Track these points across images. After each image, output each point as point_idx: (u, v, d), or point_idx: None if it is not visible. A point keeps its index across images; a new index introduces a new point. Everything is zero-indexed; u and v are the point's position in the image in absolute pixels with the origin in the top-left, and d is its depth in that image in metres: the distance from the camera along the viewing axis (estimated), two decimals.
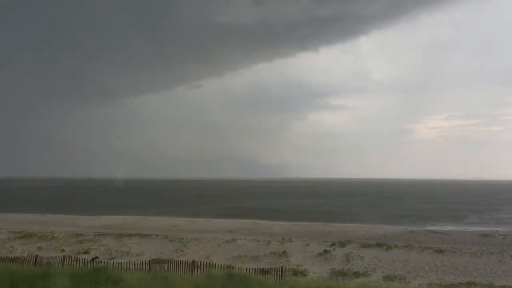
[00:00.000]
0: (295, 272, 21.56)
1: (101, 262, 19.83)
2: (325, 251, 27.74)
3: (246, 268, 17.06)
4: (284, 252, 27.59)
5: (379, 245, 29.97)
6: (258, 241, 32.31)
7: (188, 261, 18.98)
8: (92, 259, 21.33)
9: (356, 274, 21.70)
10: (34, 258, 19.45)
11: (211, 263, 19.00)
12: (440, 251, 27.91)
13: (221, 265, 18.54)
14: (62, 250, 28.06)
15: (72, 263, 18.93)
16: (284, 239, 33.10)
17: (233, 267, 17.90)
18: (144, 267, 18.24)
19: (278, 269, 17.03)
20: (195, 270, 17.97)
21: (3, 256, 20.21)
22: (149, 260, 19.69)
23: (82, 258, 19.92)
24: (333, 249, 28.41)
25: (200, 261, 19.30)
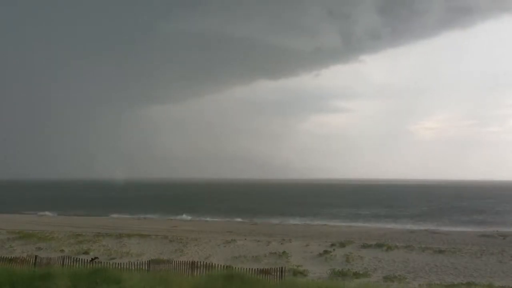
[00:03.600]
0: (295, 273, 21.52)
1: (101, 262, 19.81)
2: (325, 252, 27.69)
3: (246, 269, 17.04)
4: (284, 252, 27.54)
5: (379, 245, 29.92)
6: (258, 241, 32.28)
7: (188, 262, 18.98)
8: (92, 259, 21.31)
9: (356, 275, 21.65)
10: (34, 259, 19.45)
11: (211, 264, 18.99)
12: (440, 252, 27.87)
13: (221, 265, 18.53)
14: (62, 251, 28.03)
15: (72, 263, 18.91)
16: (284, 240, 33.06)
17: (233, 267, 17.87)
18: (144, 268, 18.23)
19: (278, 269, 17.03)
20: (195, 271, 17.97)
21: (2, 257, 20.20)
22: (149, 261, 19.68)
23: (81, 259, 19.91)
24: (333, 250, 28.37)
25: (200, 262, 19.30)
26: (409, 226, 50.55)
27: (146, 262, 19.26)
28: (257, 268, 17.65)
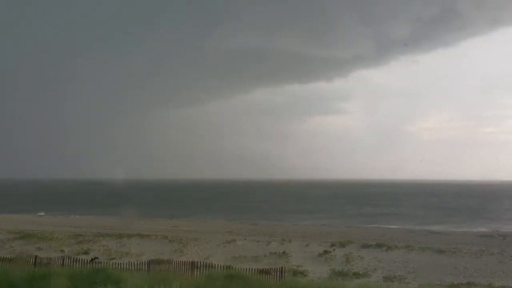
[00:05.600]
0: (295, 273, 21.54)
1: (101, 262, 19.84)
2: (325, 252, 27.69)
3: (246, 269, 17.05)
4: (284, 252, 27.55)
5: (379, 245, 29.89)
6: (258, 241, 32.26)
7: (188, 262, 19.00)
8: (92, 259, 21.33)
9: (356, 275, 21.68)
10: (34, 259, 19.45)
11: (211, 264, 19.00)
12: (440, 252, 27.86)
13: (221, 265, 18.54)
14: (62, 251, 28.04)
15: (72, 263, 18.95)
16: (284, 240, 33.02)
17: (233, 267, 17.89)
18: (143, 268, 18.25)
19: (278, 269, 17.07)
20: (195, 271, 17.98)
21: (2, 257, 20.20)
22: (149, 261, 19.70)
23: (81, 259, 19.95)
24: (333, 250, 28.36)
25: (200, 262, 19.32)
26: (409, 226, 50.51)
27: (146, 262, 19.29)
28: (257, 268, 17.66)
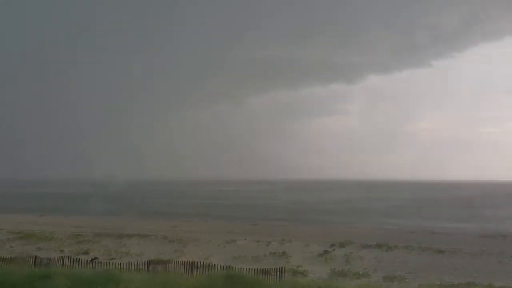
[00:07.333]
0: (295, 273, 21.53)
1: (101, 262, 19.85)
2: (325, 252, 27.71)
3: (246, 269, 17.06)
4: (284, 252, 27.55)
5: (379, 245, 29.88)
6: (258, 241, 32.25)
7: (188, 262, 19.01)
8: (92, 259, 21.34)
9: (356, 275, 21.67)
10: (34, 259, 19.47)
11: (211, 264, 19.00)
12: (440, 252, 27.86)
13: (221, 265, 18.54)
14: (62, 251, 28.03)
15: (72, 263, 18.97)
16: (284, 240, 33.01)
17: (233, 267, 17.89)
18: (143, 268, 18.27)
19: (278, 269, 17.08)
20: (195, 271, 18.00)
21: (2, 257, 20.21)
22: (149, 261, 19.72)
23: (81, 259, 19.97)
24: (333, 250, 28.37)
25: (200, 262, 19.32)
26: (409, 226, 50.49)
27: (146, 262, 19.30)
28: (257, 268, 17.66)
